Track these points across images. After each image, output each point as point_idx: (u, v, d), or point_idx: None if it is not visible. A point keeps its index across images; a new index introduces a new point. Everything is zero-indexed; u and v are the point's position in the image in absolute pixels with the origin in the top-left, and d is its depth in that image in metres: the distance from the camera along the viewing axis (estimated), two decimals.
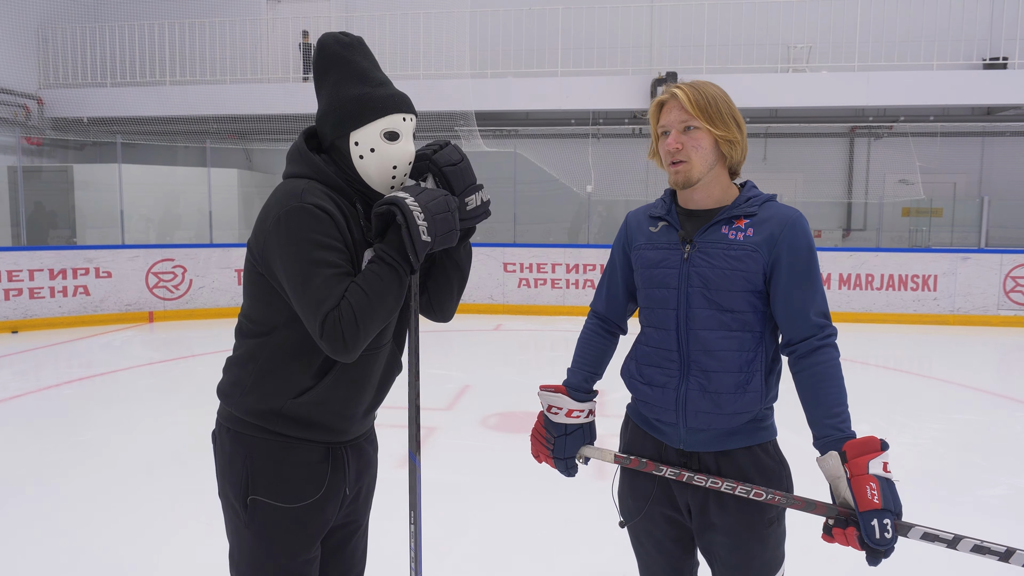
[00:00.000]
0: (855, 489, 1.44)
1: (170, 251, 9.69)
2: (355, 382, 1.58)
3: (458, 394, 5.83)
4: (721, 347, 1.61)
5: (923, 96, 10.45)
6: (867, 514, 1.41)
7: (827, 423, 1.54)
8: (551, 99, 10.91)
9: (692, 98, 1.60)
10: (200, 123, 11.71)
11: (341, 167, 1.57)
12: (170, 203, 11.42)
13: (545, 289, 10.39)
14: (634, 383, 1.75)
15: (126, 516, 3.50)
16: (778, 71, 11.21)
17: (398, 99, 1.58)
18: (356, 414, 1.62)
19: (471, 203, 1.61)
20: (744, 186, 1.71)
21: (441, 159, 1.59)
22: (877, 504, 1.40)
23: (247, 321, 1.60)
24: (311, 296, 1.42)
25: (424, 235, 1.46)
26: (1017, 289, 9.64)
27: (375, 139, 1.54)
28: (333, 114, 1.56)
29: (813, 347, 1.58)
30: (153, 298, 9.58)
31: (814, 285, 1.60)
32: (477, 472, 4.13)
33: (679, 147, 1.61)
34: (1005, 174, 11.68)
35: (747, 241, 1.60)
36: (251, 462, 1.55)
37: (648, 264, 1.71)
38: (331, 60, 1.59)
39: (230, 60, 11.73)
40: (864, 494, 1.42)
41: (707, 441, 1.65)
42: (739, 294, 1.60)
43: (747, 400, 1.61)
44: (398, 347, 1.70)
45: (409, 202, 1.47)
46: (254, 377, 1.56)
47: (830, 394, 1.55)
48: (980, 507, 3.71)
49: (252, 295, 1.58)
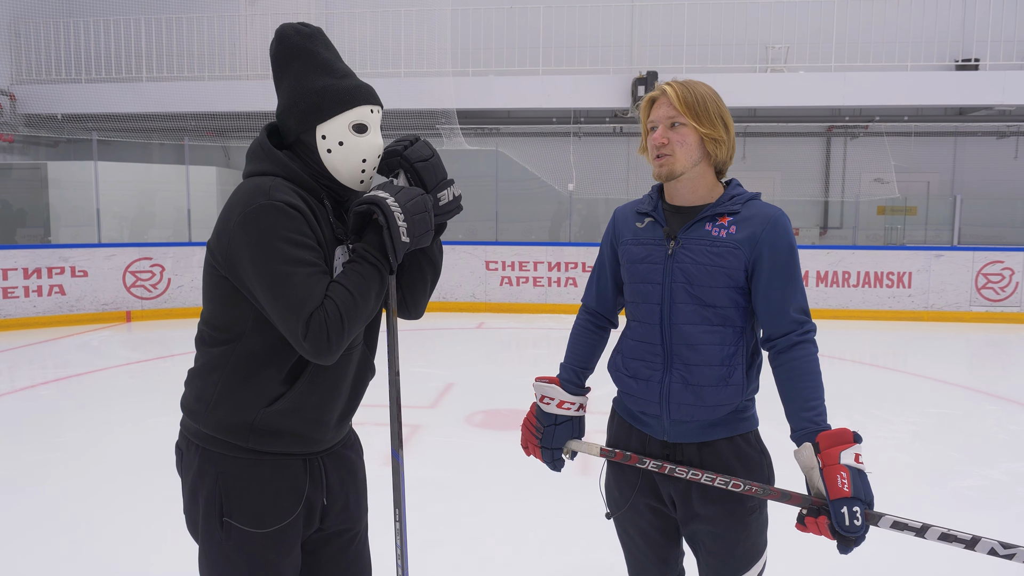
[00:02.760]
0: (826, 478, 1.48)
1: (148, 250, 9.57)
2: (328, 386, 1.53)
3: (442, 392, 5.83)
4: (703, 341, 1.64)
5: (898, 96, 10.63)
6: (837, 502, 1.45)
7: (803, 416, 1.59)
8: (532, 98, 10.93)
9: (680, 95, 1.64)
10: (178, 120, 11.56)
11: (307, 162, 1.52)
12: (146, 201, 11.26)
13: (527, 287, 10.42)
14: (619, 376, 1.78)
15: (121, 516, 3.47)
16: (757, 71, 11.33)
17: (365, 90, 1.55)
18: (330, 420, 1.57)
19: (443, 199, 1.60)
20: (729, 184, 1.75)
21: (413, 155, 1.57)
22: (847, 492, 1.45)
23: (209, 328, 1.52)
24: (291, 297, 1.36)
25: (404, 236, 1.46)
26: (988, 286, 9.84)
27: (343, 132, 1.51)
28: (297, 107, 1.51)
29: (792, 342, 1.63)
30: (130, 297, 9.45)
31: (794, 282, 1.64)
32: (463, 469, 4.14)
33: (665, 142, 1.65)
34: (976, 173, 11.92)
35: (729, 239, 1.64)
36: (224, 482, 1.48)
37: (634, 259, 1.74)
38: (292, 51, 1.53)
39: (208, 56, 11.61)
40: (835, 483, 1.46)
41: (690, 432, 1.69)
42: (721, 290, 1.64)
43: (728, 392, 1.65)
44: (369, 349, 1.67)
45: (390, 202, 1.45)
46: (221, 388, 1.48)
47: (807, 388, 1.60)
48: (958, 498, 3.80)
49: (214, 300, 1.50)
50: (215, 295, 1.50)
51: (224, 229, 1.44)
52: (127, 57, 11.58)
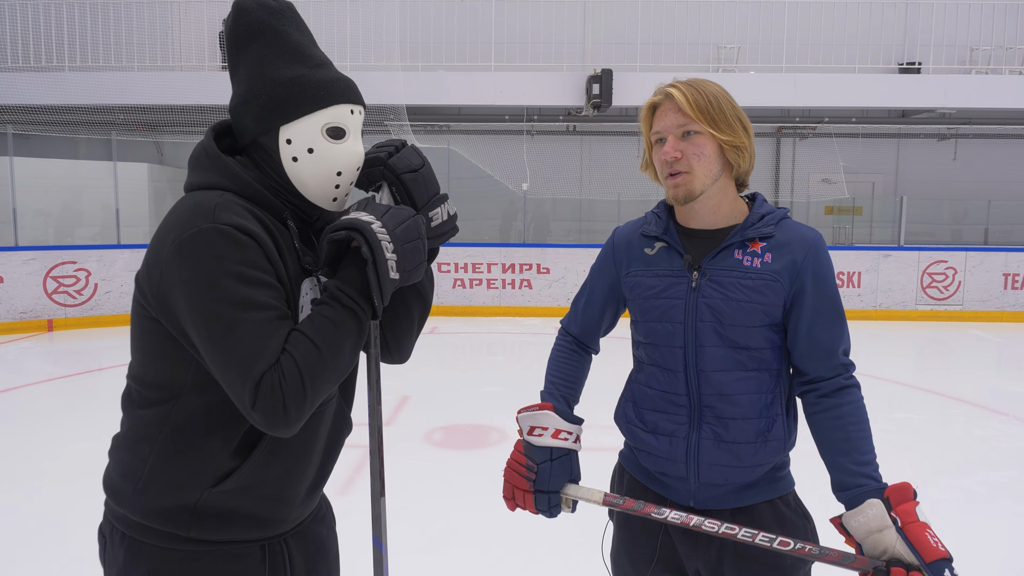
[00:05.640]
0: (914, 538, 1.27)
1: (72, 253, 8.87)
2: (294, 454, 1.22)
3: (397, 406, 5.49)
4: (738, 390, 1.40)
5: (845, 98, 10.76)
6: (937, 564, 1.24)
7: (859, 471, 1.37)
8: (485, 94, 10.63)
9: (691, 98, 1.37)
10: (105, 113, 10.79)
11: (266, 172, 1.22)
12: (72, 199, 10.52)
13: (480, 290, 10.14)
14: (634, 430, 1.51)
15: (37, 566, 3.03)
16: (709, 71, 11.32)
17: (344, 85, 1.23)
18: (296, 495, 1.25)
19: (436, 218, 1.28)
20: (754, 200, 1.49)
21: (399, 164, 1.25)
22: (944, 553, 1.25)
23: (138, 385, 1.20)
24: (236, 352, 1.05)
25: (393, 271, 1.14)
26: (933, 285, 10.07)
27: (314, 136, 1.20)
28: (257, 102, 1.19)
29: (840, 386, 1.43)
30: (52, 304, 8.74)
31: (841, 319, 1.44)
32: (430, 497, 3.83)
33: (678, 155, 1.38)
34: (918, 174, 12.25)
35: (765, 269, 1.39)
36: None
37: (647, 293, 1.47)
38: (254, 29, 1.20)
39: (138, 45, 10.87)
40: (927, 543, 1.26)
41: (722, 497, 1.44)
42: (756, 329, 1.40)
43: (768, 449, 1.41)
44: (346, 401, 1.36)
45: (375, 228, 1.13)
46: (153, 463, 1.16)
47: (860, 439, 1.40)
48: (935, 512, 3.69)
49: (144, 349, 1.18)
50: (145, 343, 1.18)
51: (155, 259, 1.12)
52: (47, 45, 10.74)
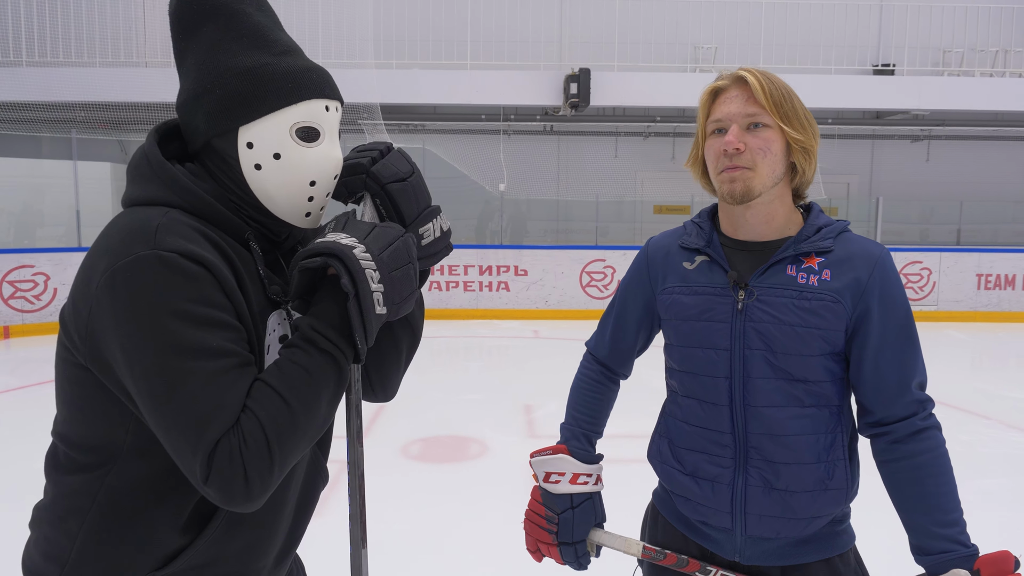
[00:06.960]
0: None
1: (30, 256, 8.49)
2: (260, 522, 1.01)
3: (372, 417, 5.29)
4: (792, 430, 1.23)
5: (821, 99, 10.76)
6: None
7: (943, 533, 1.19)
8: (461, 93, 10.44)
9: (765, 87, 1.21)
10: (65, 110, 10.39)
11: (223, 184, 1.00)
12: (33, 199, 10.13)
13: (457, 292, 9.95)
14: (670, 472, 1.33)
15: None
16: (687, 71, 11.25)
17: (317, 76, 1.02)
18: (263, 568, 1.05)
19: (427, 235, 1.10)
20: (810, 211, 1.31)
21: (384, 172, 1.05)
22: None
23: (65, 446, 0.98)
24: (185, 413, 0.84)
25: (379, 306, 0.94)
26: (908, 285, 10.11)
27: (282, 139, 0.98)
28: (210, 97, 0.97)
29: (916, 428, 1.24)
30: (9, 310, 8.35)
31: (915, 348, 1.26)
32: (411, 519, 3.64)
33: (741, 147, 1.21)
34: (892, 175, 12.34)
35: (824, 287, 1.21)
36: None
37: (686, 315, 1.29)
38: (206, 8, 0.99)
39: (99, 40, 10.49)
40: None
41: (772, 553, 1.26)
42: (814, 359, 1.22)
43: (827, 499, 1.24)
44: (321, 451, 1.16)
45: (358, 253, 0.93)
46: (83, 542, 0.94)
47: (943, 494, 1.21)
48: None
49: (72, 403, 0.97)
50: (73, 395, 0.96)
51: (83, 294, 0.90)
52: (3, 38, 10.32)
